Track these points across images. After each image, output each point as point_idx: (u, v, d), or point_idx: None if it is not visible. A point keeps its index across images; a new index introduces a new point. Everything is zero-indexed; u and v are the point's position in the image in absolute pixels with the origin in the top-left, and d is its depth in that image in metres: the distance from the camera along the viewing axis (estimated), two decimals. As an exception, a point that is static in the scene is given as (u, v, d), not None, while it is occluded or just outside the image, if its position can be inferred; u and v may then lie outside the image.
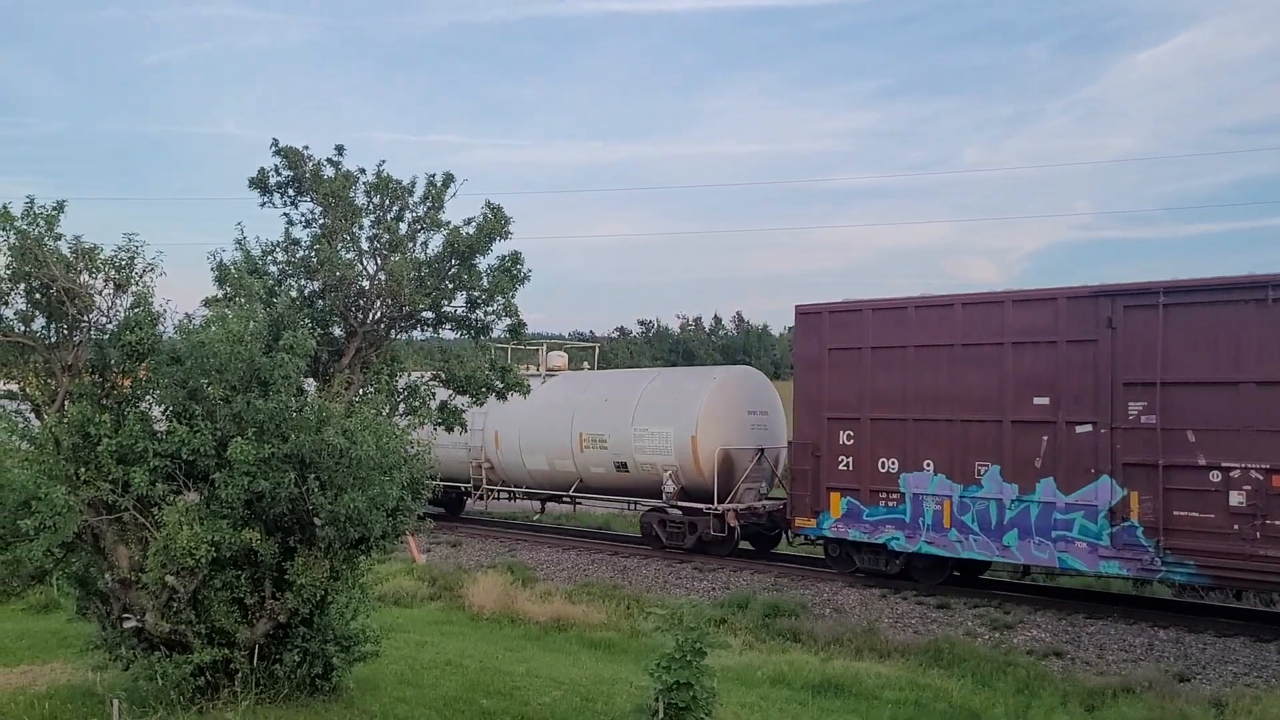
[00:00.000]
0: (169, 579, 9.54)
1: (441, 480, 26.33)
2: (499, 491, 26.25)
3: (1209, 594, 17.71)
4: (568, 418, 23.71)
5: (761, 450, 22.00)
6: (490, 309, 11.64)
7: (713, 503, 21.03)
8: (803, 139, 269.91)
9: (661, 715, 9.26)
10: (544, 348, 26.78)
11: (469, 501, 28.14)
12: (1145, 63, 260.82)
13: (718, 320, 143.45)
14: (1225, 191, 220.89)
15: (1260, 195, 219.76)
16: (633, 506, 24.69)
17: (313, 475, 9.45)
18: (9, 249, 9.66)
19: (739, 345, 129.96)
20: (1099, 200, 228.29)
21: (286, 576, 9.91)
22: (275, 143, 11.17)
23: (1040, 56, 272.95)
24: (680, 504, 21.72)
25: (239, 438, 9.19)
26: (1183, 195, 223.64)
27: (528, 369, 26.82)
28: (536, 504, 27.32)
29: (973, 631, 16.11)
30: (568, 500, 25.55)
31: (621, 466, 22.64)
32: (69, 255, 9.83)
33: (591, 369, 27.58)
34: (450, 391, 12.16)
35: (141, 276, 9.95)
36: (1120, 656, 14.82)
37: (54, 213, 9.84)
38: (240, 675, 10.00)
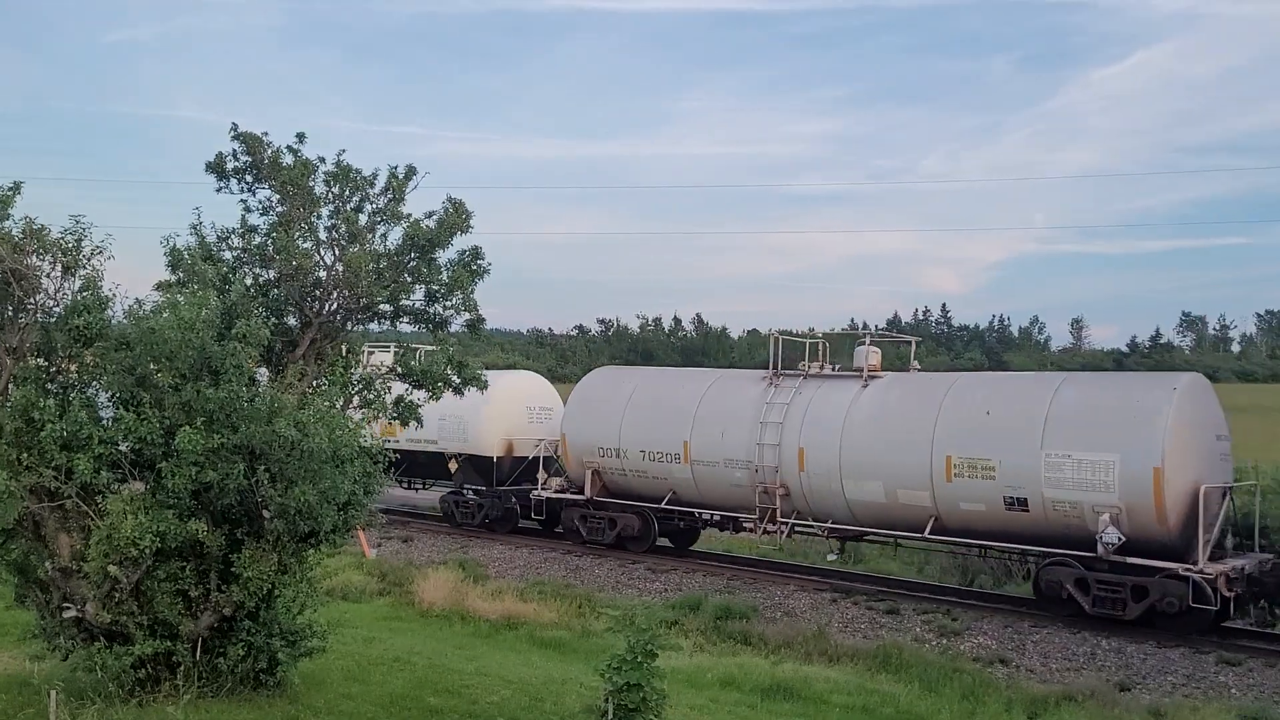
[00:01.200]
0: (111, 569, 9.36)
1: (682, 505, 21.56)
2: (794, 526, 19.95)
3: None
4: (924, 434, 17.87)
5: (1228, 488, 16.79)
6: (449, 303, 11.55)
7: (1182, 560, 15.69)
8: (769, 143, 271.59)
9: (611, 716, 9.24)
10: (865, 341, 20.53)
11: (754, 532, 20.75)
12: (1104, 79, 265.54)
13: (677, 321, 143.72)
14: (1181, 209, 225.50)
15: (1214, 214, 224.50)
16: (981, 553, 19.24)
17: (263, 467, 9.33)
18: (-46, 228, 9.42)
19: (698, 347, 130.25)
20: (1058, 214, 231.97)
21: (233, 569, 9.76)
22: (235, 127, 11.03)
23: (1004, 70, 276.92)
24: (1126, 559, 15.96)
25: (187, 427, 9.03)
26: (1140, 211, 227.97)
27: (821, 367, 20.94)
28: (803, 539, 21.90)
29: (921, 638, 16.25)
30: (886, 540, 19.73)
31: (1017, 504, 16.83)
32: (18, 236, 9.61)
33: (919, 369, 21.39)
34: (407, 385, 12.05)
35: (90, 259, 9.76)
36: (1063, 665, 15.03)
37: (9, 193, 9.62)
38: (182, 668, 9.84)
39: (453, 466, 25.67)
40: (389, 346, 25.92)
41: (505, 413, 25.17)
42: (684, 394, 21.82)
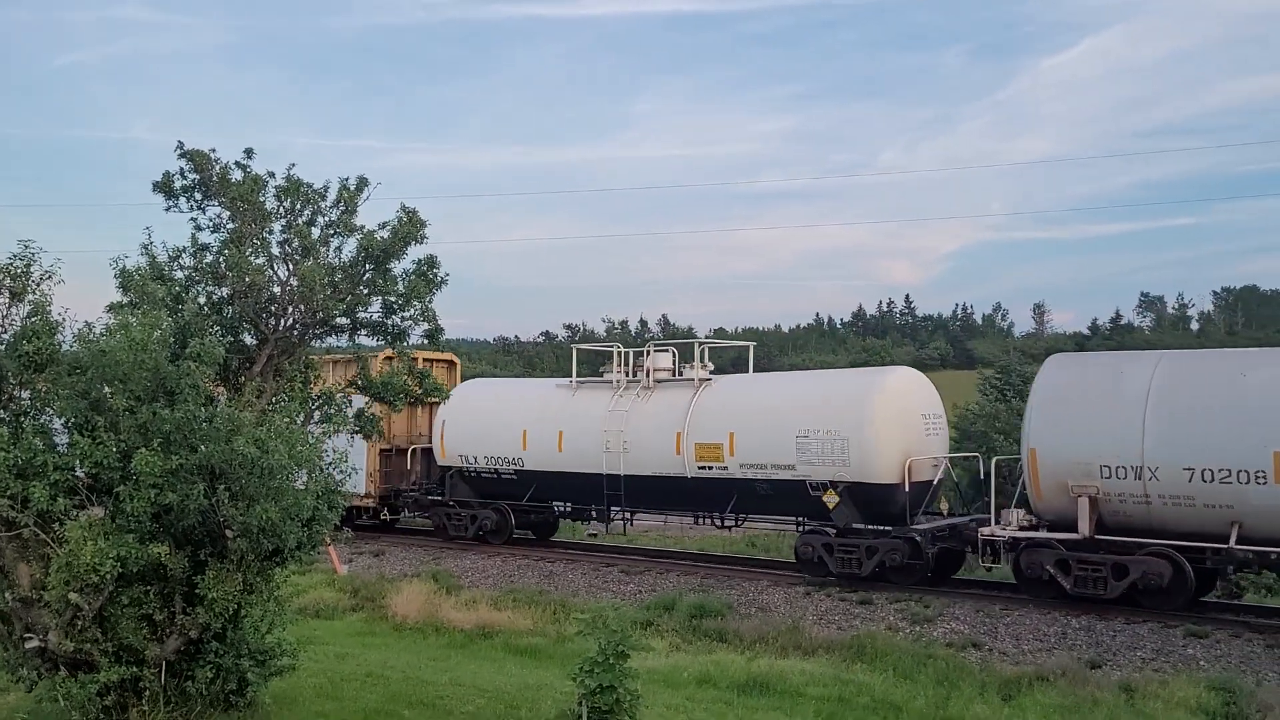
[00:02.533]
0: (73, 596, 9.21)
1: (1257, 543, 15.08)
2: None
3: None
4: None
5: None
6: (407, 314, 11.49)
7: None
8: (727, 142, 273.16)
9: (585, 719, 9.23)
10: None
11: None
12: (1055, 67, 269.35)
13: (643, 323, 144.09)
14: (1131, 192, 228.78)
15: (1165, 195, 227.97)
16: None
17: (223, 486, 9.22)
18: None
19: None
20: (1012, 201, 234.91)
21: (197, 591, 9.63)
22: (181, 145, 10.92)
23: (956, 62, 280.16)
24: None
25: (144, 449, 8.92)
26: (1092, 196, 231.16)
27: None
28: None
29: (894, 626, 16.35)
30: None
31: None
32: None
33: None
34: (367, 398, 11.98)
35: (39, 285, 9.62)
36: (1035, 646, 15.18)
37: None
38: (149, 693, 9.70)
39: (831, 500, 18.66)
40: (667, 348, 22.53)
41: (901, 423, 18.76)
42: (1253, 385, 15.37)
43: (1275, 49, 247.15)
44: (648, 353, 22.23)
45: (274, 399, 10.77)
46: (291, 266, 10.90)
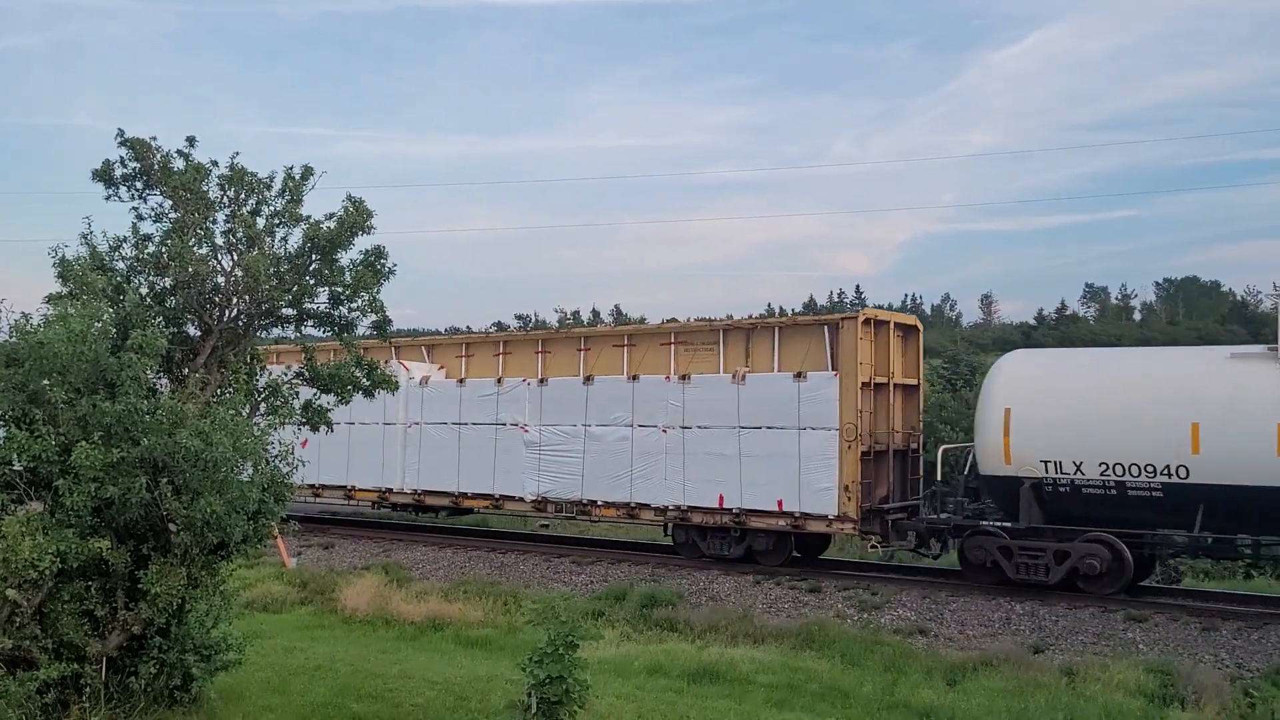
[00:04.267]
0: (10, 593, 9.02)
1: None
2: None
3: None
4: None
5: None
6: (354, 305, 11.37)
7: None
8: (679, 133, 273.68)
9: (534, 710, 9.24)
10: None
11: None
12: (1003, 61, 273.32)
13: (596, 314, 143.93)
14: (1077, 184, 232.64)
15: (1107, 188, 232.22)
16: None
17: (166, 479, 9.08)
18: None
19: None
20: (962, 193, 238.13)
21: (140, 586, 9.49)
22: (121, 133, 10.70)
23: (905, 55, 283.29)
24: None
25: (84, 442, 8.76)
26: (1038, 188, 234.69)
27: None
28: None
29: (842, 613, 16.54)
30: None
31: None
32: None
33: None
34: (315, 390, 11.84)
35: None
36: (980, 631, 15.44)
37: None
38: (90, 690, 9.54)
39: None
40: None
41: None
42: None
43: (1215, 43, 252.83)
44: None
45: (218, 391, 10.62)
46: (236, 257, 10.74)
